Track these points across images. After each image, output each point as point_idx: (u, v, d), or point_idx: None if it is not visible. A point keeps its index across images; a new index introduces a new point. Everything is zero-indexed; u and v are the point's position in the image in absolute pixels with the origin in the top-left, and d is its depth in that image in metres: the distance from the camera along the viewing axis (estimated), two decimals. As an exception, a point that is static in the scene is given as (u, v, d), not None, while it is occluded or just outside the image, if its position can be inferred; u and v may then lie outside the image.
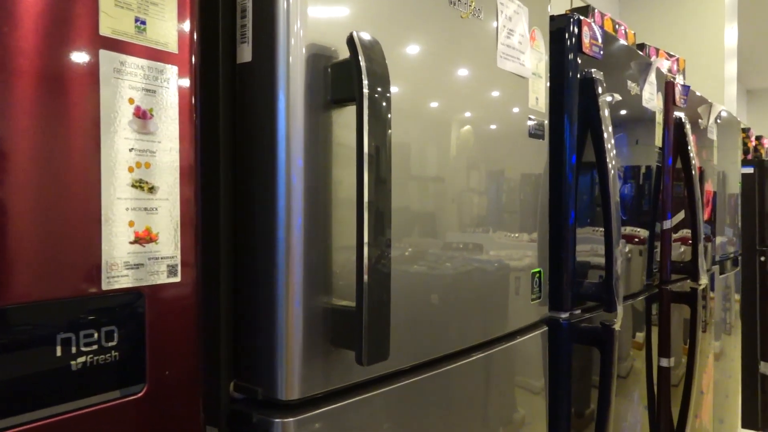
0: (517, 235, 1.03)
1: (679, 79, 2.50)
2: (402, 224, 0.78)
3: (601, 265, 1.33)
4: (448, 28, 0.86)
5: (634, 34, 2.16)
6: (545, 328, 1.13)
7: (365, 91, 0.64)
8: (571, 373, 1.23)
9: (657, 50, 2.42)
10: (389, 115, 0.66)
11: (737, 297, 2.94)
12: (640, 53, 1.56)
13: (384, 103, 0.65)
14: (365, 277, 0.63)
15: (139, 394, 0.54)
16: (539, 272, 1.09)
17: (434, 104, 0.83)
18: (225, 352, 0.69)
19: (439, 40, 0.84)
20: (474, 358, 0.91)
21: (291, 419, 0.65)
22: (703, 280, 1.79)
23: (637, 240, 1.70)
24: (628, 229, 1.68)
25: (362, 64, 0.64)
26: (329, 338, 0.68)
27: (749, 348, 3.52)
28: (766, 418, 3.53)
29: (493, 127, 0.97)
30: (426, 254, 0.82)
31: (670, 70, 2.44)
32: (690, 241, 1.88)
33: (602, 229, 1.30)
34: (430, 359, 0.83)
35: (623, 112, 1.45)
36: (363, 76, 0.64)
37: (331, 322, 0.68)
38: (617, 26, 1.96)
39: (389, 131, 0.66)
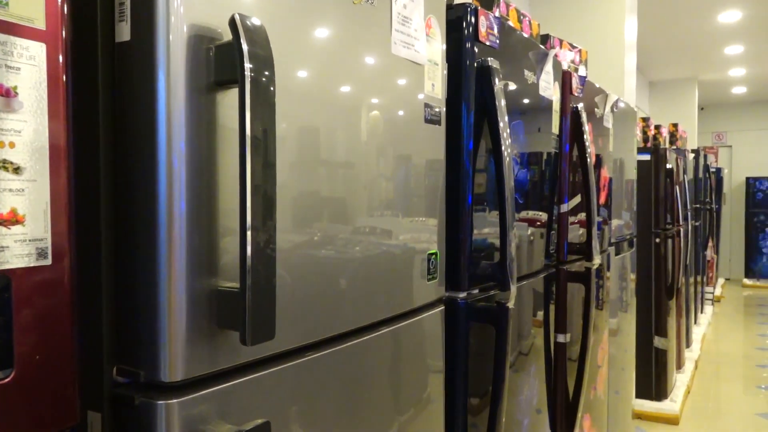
0: (413, 217, 1.07)
1: (581, 70, 2.62)
2: (291, 206, 0.79)
3: (498, 246, 1.39)
4: (341, 14, 0.87)
5: (539, 25, 2.24)
6: (442, 307, 1.17)
7: (247, 74, 0.64)
8: (468, 351, 1.28)
9: (561, 41, 2.53)
10: (273, 99, 0.67)
11: (633, 276, 3.14)
12: (538, 44, 1.62)
13: (267, 87, 0.66)
14: (247, 259, 0.64)
15: (7, 380, 0.53)
16: (435, 254, 1.13)
17: (327, 89, 0.84)
18: (107, 335, 0.68)
19: (332, 25, 0.85)
20: (369, 336, 0.94)
21: (175, 401, 0.65)
22: (597, 261, 1.90)
23: (538, 223, 1.79)
24: (530, 213, 1.76)
25: (244, 47, 0.64)
26: (215, 319, 0.68)
27: (645, 324, 3.77)
28: (659, 389, 3.80)
29: (388, 112, 0.99)
30: (322, 235, 0.84)
31: (573, 61, 2.55)
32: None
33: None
34: (323, 338, 0.85)
35: (520, 100, 1.51)
36: (245, 59, 0.64)
37: (216, 303, 0.68)
38: (522, 17, 2.03)
39: (273, 115, 0.67)
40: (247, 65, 0.64)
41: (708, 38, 5.95)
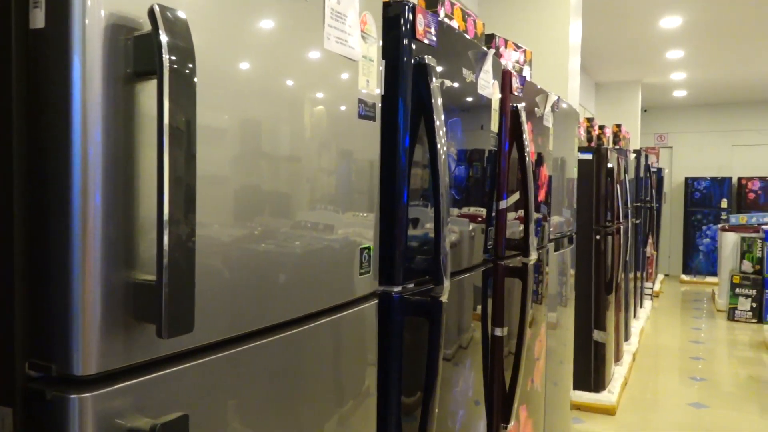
0: (346, 212, 1.07)
1: (526, 70, 2.67)
2: (221, 198, 0.79)
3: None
4: (275, 7, 0.87)
5: (483, 24, 2.28)
6: (375, 301, 1.19)
7: (165, 65, 0.64)
8: (403, 345, 1.30)
9: (506, 41, 2.57)
10: (193, 91, 0.67)
11: (572, 272, 3.23)
12: (477, 43, 1.65)
13: (187, 79, 0.66)
14: (164, 251, 0.64)
15: None
16: (368, 248, 1.14)
17: (258, 83, 0.84)
18: (19, 329, 0.66)
19: (266, 19, 0.85)
20: (296, 330, 0.94)
21: (88, 395, 0.64)
22: (533, 256, 1.95)
23: (480, 219, 1.83)
24: (471, 209, 1.80)
25: (163, 38, 0.64)
26: (132, 312, 0.68)
27: (584, 318, 3.89)
28: (597, 380, 3.93)
29: (321, 107, 0.99)
30: (249, 227, 0.84)
31: (517, 61, 2.60)
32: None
33: (436, 208, 1.38)
34: (248, 332, 0.85)
35: (459, 98, 1.53)
36: (163, 50, 0.64)
37: (133, 296, 0.68)
38: (467, 16, 2.06)
39: (193, 107, 0.67)
40: (165, 56, 0.64)
41: (650, 42, 6.15)
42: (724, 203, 9.34)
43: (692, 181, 9.64)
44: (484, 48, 1.70)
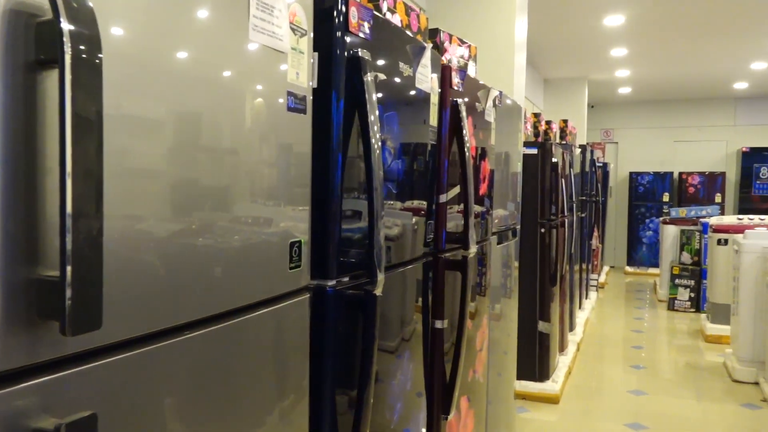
0: (275, 205, 1.06)
1: (471, 65, 2.70)
2: (140, 191, 0.77)
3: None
4: (189, -4, 0.85)
5: (427, 19, 2.29)
6: (307, 296, 1.18)
7: (67, 53, 0.62)
8: (338, 339, 1.30)
9: (450, 36, 2.59)
10: (98, 81, 0.65)
11: (517, 264, 3.29)
12: (415, 37, 1.66)
13: (92, 68, 0.64)
14: (67, 247, 0.62)
15: None
16: (300, 242, 1.13)
17: (182, 74, 0.82)
18: None
19: (185, 8, 0.83)
20: (218, 327, 0.93)
21: (-13, 395, 0.62)
22: (473, 250, 1.98)
23: (422, 212, 1.84)
24: (415, 203, 1.81)
25: (64, 25, 0.62)
26: (35, 309, 0.65)
27: (529, 309, 3.97)
28: (541, 370, 4.02)
29: (247, 100, 0.98)
30: (167, 222, 0.82)
31: (462, 56, 2.63)
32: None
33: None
34: (163, 329, 0.83)
35: (396, 92, 1.54)
36: (64, 38, 0.62)
37: (37, 292, 0.66)
38: (410, 10, 2.07)
39: (99, 97, 0.65)
40: (67, 44, 0.62)
41: (595, 40, 6.30)
42: (666, 197, 9.67)
43: (636, 175, 9.95)
44: (423, 42, 1.71)
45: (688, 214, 7.39)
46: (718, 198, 9.29)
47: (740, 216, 6.53)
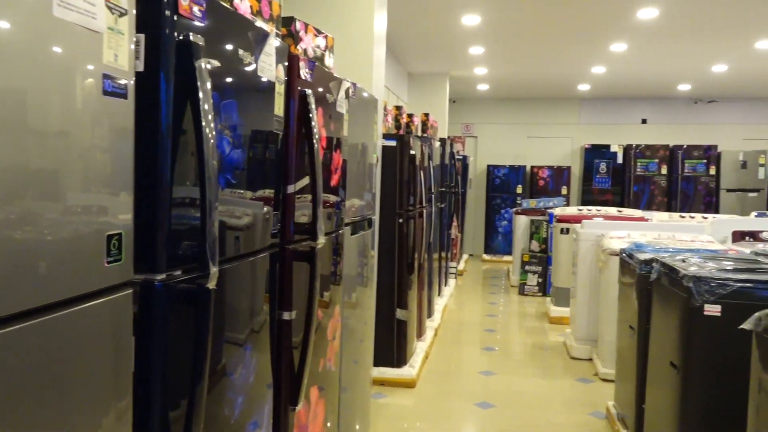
0: (87, 195, 1.00)
1: (328, 56, 2.70)
2: None
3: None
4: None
5: (281, 6, 2.25)
6: (129, 291, 1.12)
7: None
8: (167, 336, 1.25)
9: (306, 26, 2.57)
10: None
11: (374, 253, 3.36)
12: (256, 24, 1.63)
13: None
14: None
15: None
16: (119, 234, 1.07)
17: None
18: None
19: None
20: (14, 328, 0.85)
21: None
22: (321, 240, 1.98)
23: (273, 202, 1.81)
24: (267, 192, 1.77)
25: None
26: None
27: (387, 297, 4.07)
28: (399, 356, 4.15)
29: (52, 80, 0.91)
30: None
31: (318, 47, 2.61)
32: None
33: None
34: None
35: (235, 79, 1.50)
36: None
37: None
38: (261, -5, 2.02)
39: None
40: None
41: (455, 38, 6.56)
42: (519, 189, 10.33)
43: (493, 168, 10.53)
44: (266, 29, 1.68)
45: (537, 205, 7.95)
46: (564, 190, 10.08)
47: (581, 207, 7.15)
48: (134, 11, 1.10)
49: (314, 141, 1.93)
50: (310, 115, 1.93)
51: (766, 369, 1.59)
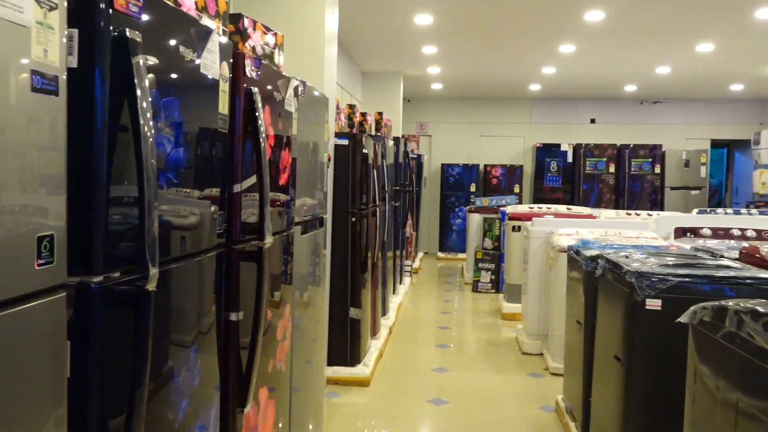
0: (12, 196, 0.96)
1: (277, 54, 2.67)
2: None
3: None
4: None
5: (227, 2, 2.21)
6: (63, 294, 1.09)
7: None
8: (104, 340, 1.21)
9: (255, 23, 2.54)
10: None
11: (326, 252, 3.34)
12: (199, 21, 1.60)
13: None
14: None
15: None
16: (51, 236, 1.03)
17: None
18: None
19: None
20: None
21: None
22: (268, 240, 1.96)
23: (219, 202, 1.78)
24: (214, 191, 1.74)
25: None
26: None
27: (341, 296, 4.06)
28: (353, 355, 4.14)
29: (-26, 76, 0.87)
30: None
31: (267, 44, 2.58)
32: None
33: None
34: None
35: (176, 76, 1.47)
36: None
37: None
38: (206, -8, 1.98)
39: None
40: None
41: (408, 37, 6.59)
42: (473, 187, 10.46)
43: (447, 167, 10.63)
44: (210, 26, 1.65)
45: (490, 204, 8.06)
46: (516, 189, 10.25)
47: (532, 205, 7.28)
48: (65, 4, 1.06)
49: (261, 139, 1.91)
50: (257, 114, 1.90)
51: (701, 360, 1.65)
